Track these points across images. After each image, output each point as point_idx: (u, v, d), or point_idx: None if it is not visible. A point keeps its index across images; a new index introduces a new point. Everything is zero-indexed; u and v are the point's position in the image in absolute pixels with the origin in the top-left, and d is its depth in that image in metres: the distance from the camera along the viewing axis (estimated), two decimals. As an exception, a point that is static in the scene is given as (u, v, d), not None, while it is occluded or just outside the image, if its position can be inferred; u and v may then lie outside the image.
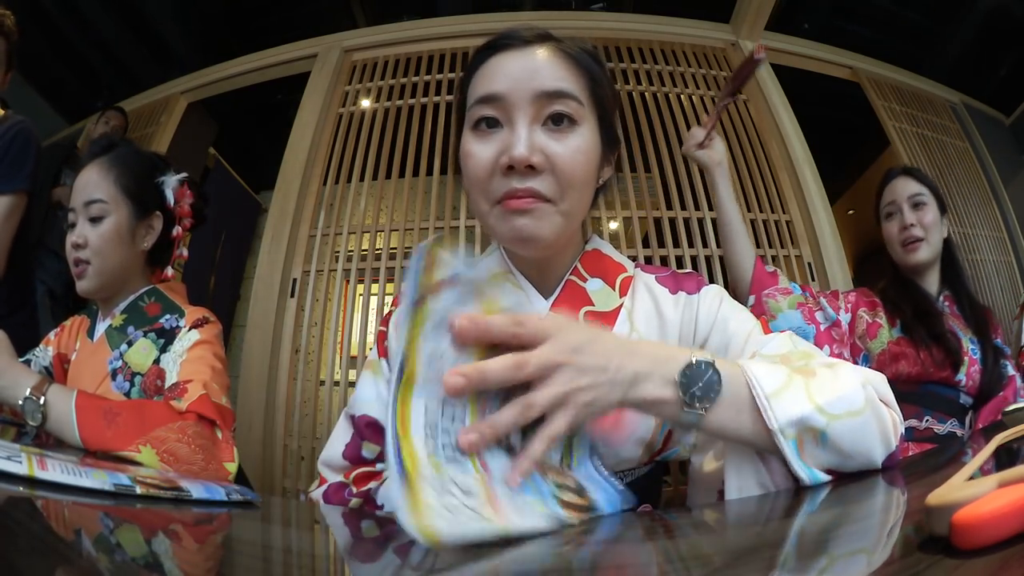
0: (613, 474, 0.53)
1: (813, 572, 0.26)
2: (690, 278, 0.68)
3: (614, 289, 0.67)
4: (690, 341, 0.63)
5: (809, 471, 0.43)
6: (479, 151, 0.58)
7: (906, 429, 1.09)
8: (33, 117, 1.43)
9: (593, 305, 0.65)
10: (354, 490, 0.64)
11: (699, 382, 0.42)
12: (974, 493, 0.25)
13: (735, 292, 1.18)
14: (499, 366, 0.39)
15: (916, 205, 1.29)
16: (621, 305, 0.65)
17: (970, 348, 1.20)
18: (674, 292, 0.67)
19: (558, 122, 0.57)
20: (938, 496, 0.26)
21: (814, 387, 0.44)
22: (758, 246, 2.23)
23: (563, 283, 0.66)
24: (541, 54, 0.59)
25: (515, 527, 0.35)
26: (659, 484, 0.69)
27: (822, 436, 0.43)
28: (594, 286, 0.67)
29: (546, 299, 0.66)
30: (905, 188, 1.30)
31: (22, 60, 1.39)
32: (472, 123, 0.59)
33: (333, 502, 0.65)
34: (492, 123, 0.58)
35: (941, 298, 1.29)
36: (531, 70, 0.57)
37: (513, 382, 0.39)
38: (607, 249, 0.71)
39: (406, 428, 0.35)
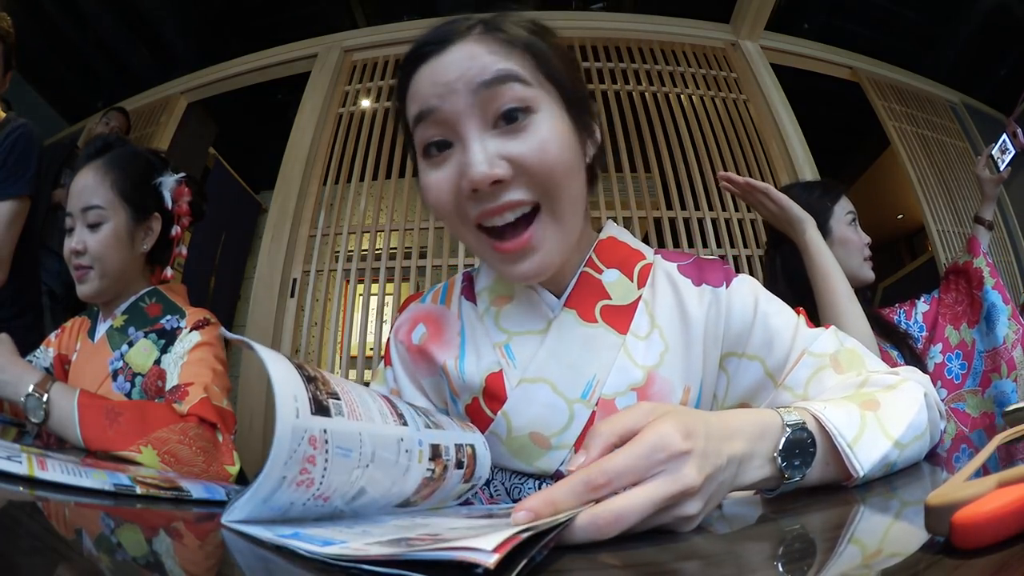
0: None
1: (811, 572, 0.26)
2: (714, 268, 0.62)
3: (632, 280, 0.61)
4: (719, 339, 0.59)
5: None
6: (436, 181, 0.53)
7: None
8: (33, 117, 1.43)
9: (610, 299, 0.60)
10: None
11: (796, 451, 0.40)
12: (974, 493, 0.25)
13: None
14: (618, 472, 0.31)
15: None
16: (639, 297, 0.60)
17: (895, 355, 1.17)
18: (697, 284, 0.61)
19: (511, 119, 0.50)
20: (938, 496, 0.26)
21: (885, 420, 0.44)
22: (758, 246, 2.24)
23: (577, 276, 0.61)
24: (469, 47, 0.51)
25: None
26: None
27: (892, 466, 0.44)
28: (610, 277, 0.61)
29: (558, 297, 0.61)
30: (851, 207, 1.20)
31: (22, 60, 1.39)
32: (421, 150, 0.54)
33: None
34: (441, 146, 0.52)
35: None
36: (461, 68, 0.50)
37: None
38: (623, 236, 0.66)
39: None
